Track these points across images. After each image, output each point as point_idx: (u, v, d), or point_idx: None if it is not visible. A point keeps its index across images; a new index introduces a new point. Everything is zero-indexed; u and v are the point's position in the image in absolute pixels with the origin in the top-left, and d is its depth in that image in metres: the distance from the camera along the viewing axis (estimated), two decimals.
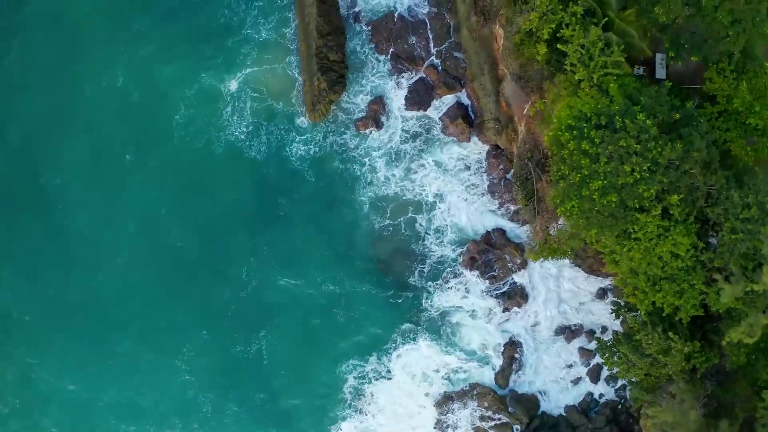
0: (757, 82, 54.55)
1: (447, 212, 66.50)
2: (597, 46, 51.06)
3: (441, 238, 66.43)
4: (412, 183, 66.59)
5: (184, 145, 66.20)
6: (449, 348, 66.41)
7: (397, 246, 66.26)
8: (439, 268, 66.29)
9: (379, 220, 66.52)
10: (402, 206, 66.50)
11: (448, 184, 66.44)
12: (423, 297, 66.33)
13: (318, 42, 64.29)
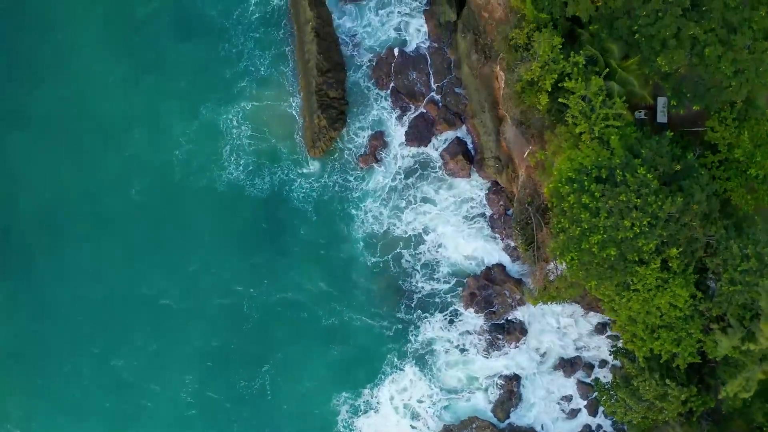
0: (759, 130, 54.51)
1: (447, 248, 66.50)
2: (599, 97, 51.08)
3: (441, 273, 66.59)
4: (412, 219, 66.61)
5: (184, 182, 66.14)
6: (446, 381, 66.72)
7: (396, 280, 66.61)
8: (439, 303, 66.54)
9: (379, 255, 66.77)
10: (402, 242, 66.76)
11: (448, 220, 66.61)
12: (422, 331, 66.59)
13: (318, 80, 64.21)
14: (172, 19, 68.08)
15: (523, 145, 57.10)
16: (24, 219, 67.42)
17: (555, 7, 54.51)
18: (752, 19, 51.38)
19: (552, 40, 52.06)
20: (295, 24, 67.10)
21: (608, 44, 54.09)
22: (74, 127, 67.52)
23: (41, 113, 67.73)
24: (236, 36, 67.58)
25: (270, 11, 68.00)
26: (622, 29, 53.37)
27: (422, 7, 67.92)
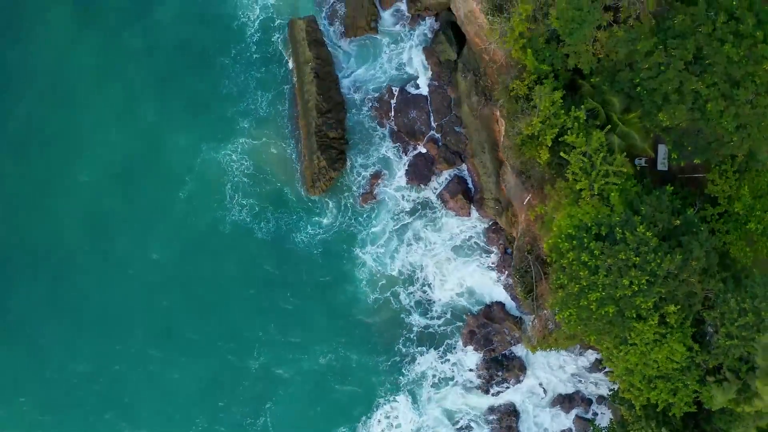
0: (759, 182, 54.48)
1: (447, 285, 66.74)
2: (599, 154, 51.14)
3: (440, 310, 66.83)
4: (412, 257, 66.69)
5: (186, 222, 66.06)
6: (444, 417, 67.02)
7: (396, 317, 66.79)
8: (437, 340, 66.85)
9: (379, 293, 66.83)
10: (402, 280, 66.79)
11: (447, 257, 66.72)
12: (420, 366, 66.84)
13: (317, 120, 64.05)
14: (171, 54, 67.61)
15: (523, 193, 57.19)
16: (17, 255, 66.77)
17: (556, 59, 54.36)
18: (755, 74, 50.88)
19: (552, 95, 51.94)
20: (294, 63, 66.83)
21: (609, 97, 53.95)
22: (70, 161, 66.92)
23: (36, 147, 67.10)
24: (236, 73, 67.39)
25: (270, 49, 67.78)
26: (623, 82, 53.17)
27: (423, 44, 67.46)
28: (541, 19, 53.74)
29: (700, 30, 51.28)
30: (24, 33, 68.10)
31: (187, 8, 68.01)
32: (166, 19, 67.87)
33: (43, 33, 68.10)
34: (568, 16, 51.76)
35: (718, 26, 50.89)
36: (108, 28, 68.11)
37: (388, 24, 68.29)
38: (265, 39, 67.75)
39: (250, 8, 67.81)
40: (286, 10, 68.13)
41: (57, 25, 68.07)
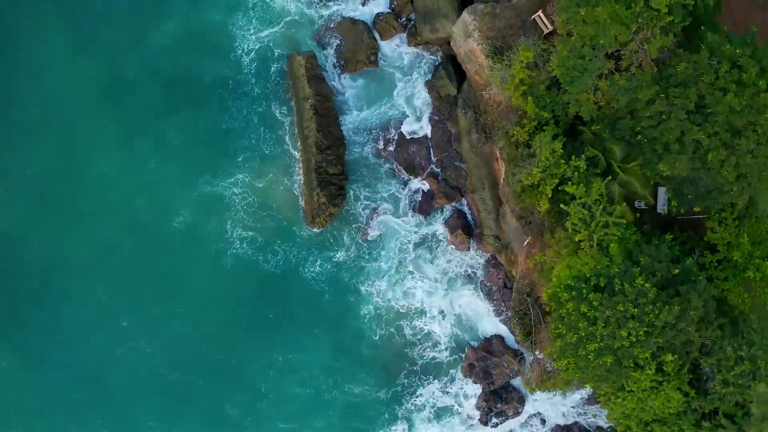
0: (758, 228, 54.78)
1: (447, 319, 66.80)
2: (599, 205, 51.11)
3: (441, 343, 66.88)
4: (413, 291, 66.64)
5: (186, 256, 65.66)
6: None
7: (397, 350, 66.74)
8: (438, 373, 66.91)
9: (381, 327, 66.77)
10: (403, 313, 66.75)
11: (447, 291, 66.69)
12: (420, 398, 66.94)
13: (317, 157, 63.76)
14: (168, 84, 66.68)
15: (523, 235, 57.21)
16: (12, 289, 66.27)
17: (557, 106, 54.21)
18: (757, 123, 50.74)
19: (552, 145, 51.91)
20: (294, 97, 66.22)
21: (610, 145, 53.92)
22: (65, 191, 66.18)
23: (30, 177, 66.32)
24: (234, 105, 66.48)
25: (268, 83, 67.05)
26: (624, 130, 53.14)
27: (423, 79, 66.87)
28: (542, 65, 53.52)
29: (702, 79, 51.05)
30: (19, 61, 67.05)
31: (184, 38, 67.25)
32: (163, 48, 67.10)
33: (39, 60, 66.98)
34: (570, 65, 51.52)
35: (721, 75, 50.68)
36: (104, 56, 67.37)
37: (388, 57, 67.78)
38: (264, 71, 67.02)
39: (246, 40, 67.02)
40: (284, 42, 67.41)
41: (53, 53, 67.02)
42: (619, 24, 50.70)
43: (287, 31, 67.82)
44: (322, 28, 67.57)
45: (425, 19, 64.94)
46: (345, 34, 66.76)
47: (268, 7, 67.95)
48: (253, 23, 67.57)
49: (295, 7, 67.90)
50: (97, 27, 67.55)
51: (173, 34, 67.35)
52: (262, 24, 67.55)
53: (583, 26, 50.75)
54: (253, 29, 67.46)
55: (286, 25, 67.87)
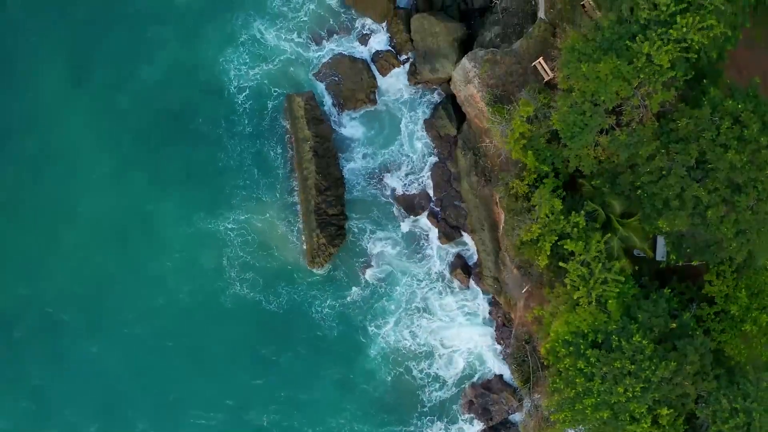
0: (756, 279, 54.68)
1: (448, 356, 66.56)
2: (598, 264, 50.88)
3: (441, 383, 66.70)
4: (413, 329, 66.50)
5: (184, 296, 65.37)
6: None
7: (401, 391, 66.50)
8: (441, 410, 66.60)
9: (390, 367, 66.40)
10: (406, 354, 66.39)
11: (448, 329, 66.50)
12: None
13: (316, 199, 63.60)
14: (164, 120, 66.20)
15: (522, 283, 57.40)
16: (7, 323, 66.02)
17: (557, 159, 54.07)
18: (757, 179, 50.46)
19: (552, 202, 51.72)
20: (293, 136, 65.78)
21: (610, 199, 53.72)
22: (59, 227, 65.89)
23: (25, 210, 66.01)
24: (230, 143, 66.03)
25: (265, 121, 66.44)
26: (624, 185, 52.88)
27: (423, 117, 66.41)
28: (542, 119, 53.33)
29: (703, 135, 50.74)
30: (14, 97, 66.50)
31: (177, 73, 66.92)
32: (157, 83, 66.83)
33: (35, 96, 66.41)
34: (570, 120, 51.26)
35: (722, 131, 50.35)
36: (99, 91, 66.72)
37: (388, 96, 67.43)
38: (259, 109, 66.68)
39: (240, 76, 66.52)
40: (280, 79, 66.95)
41: (49, 86, 66.36)
42: (621, 80, 50.40)
43: (283, 68, 67.35)
44: (321, 65, 67.01)
45: (425, 59, 64.58)
46: (344, 72, 66.29)
47: (259, 44, 67.11)
48: (245, 59, 66.94)
49: (289, 46, 66.95)
50: (92, 62, 66.86)
51: (167, 69, 66.97)
52: (254, 60, 67.03)
53: (585, 82, 50.41)
54: (246, 66, 67.02)
55: (281, 62, 67.39)
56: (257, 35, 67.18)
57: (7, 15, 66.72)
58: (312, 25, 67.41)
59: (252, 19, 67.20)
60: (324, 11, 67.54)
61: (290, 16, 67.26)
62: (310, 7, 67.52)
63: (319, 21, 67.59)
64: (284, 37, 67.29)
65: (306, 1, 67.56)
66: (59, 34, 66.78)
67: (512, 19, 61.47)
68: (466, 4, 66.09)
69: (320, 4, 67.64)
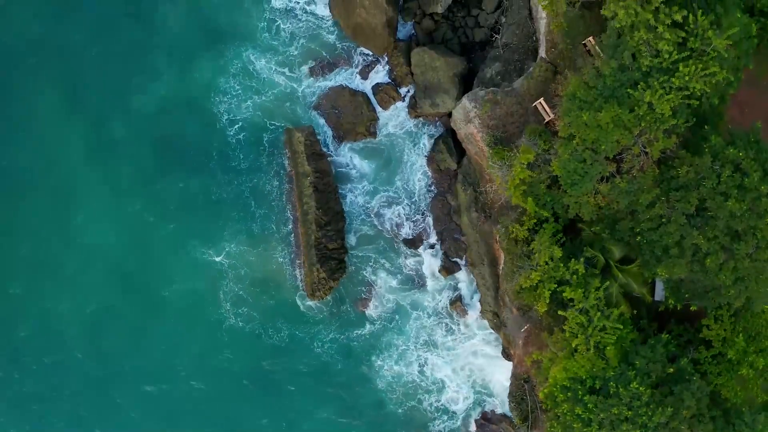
0: (754, 323, 55.00)
1: (448, 385, 66.81)
2: (597, 313, 50.84)
3: (444, 414, 67.01)
4: (415, 361, 66.62)
5: (182, 329, 65.68)
6: None
7: (406, 424, 66.91)
8: None
9: (397, 401, 66.68)
10: (407, 386, 66.69)
11: (448, 362, 66.72)
12: None
13: (317, 234, 63.66)
14: (161, 150, 66.15)
15: (522, 322, 57.58)
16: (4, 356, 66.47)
17: (557, 205, 53.98)
18: (757, 227, 50.39)
19: (551, 250, 51.65)
20: (292, 170, 65.49)
21: (609, 245, 53.73)
22: (54, 257, 66.10)
23: (20, 239, 66.13)
24: (226, 176, 65.83)
25: (261, 152, 66.19)
26: (624, 231, 52.77)
27: (423, 150, 66.26)
28: (542, 165, 53.19)
29: (704, 183, 50.76)
30: (8, 126, 66.23)
31: (172, 103, 66.67)
32: (151, 113, 66.66)
33: (30, 125, 66.24)
34: (571, 168, 51.09)
35: (723, 180, 50.22)
36: (94, 120, 66.45)
37: (388, 128, 67.22)
38: (255, 142, 66.38)
39: (234, 110, 66.07)
40: (277, 112, 66.49)
41: (45, 116, 66.24)
42: (622, 128, 50.18)
43: (279, 101, 66.92)
44: (321, 98, 66.65)
45: (425, 94, 64.30)
46: (344, 104, 66.03)
47: (251, 76, 66.61)
48: (238, 90, 66.42)
49: (283, 79, 66.58)
50: (88, 93, 66.61)
51: (161, 99, 66.88)
52: (246, 92, 66.50)
53: (585, 130, 50.19)
54: (238, 98, 66.38)
55: (276, 95, 66.88)
56: (250, 67, 66.50)
57: (3, 46, 66.13)
58: (311, 57, 66.95)
59: (244, 50, 66.69)
60: (323, 43, 67.32)
61: (281, 49, 66.74)
62: (306, 39, 66.84)
63: (318, 53, 67.20)
64: (277, 70, 66.90)
65: (301, 35, 66.85)
66: (56, 65, 66.54)
67: (513, 55, 61.21)
68: (467, 38, 65.56)
69: (320, 36, 67.29)
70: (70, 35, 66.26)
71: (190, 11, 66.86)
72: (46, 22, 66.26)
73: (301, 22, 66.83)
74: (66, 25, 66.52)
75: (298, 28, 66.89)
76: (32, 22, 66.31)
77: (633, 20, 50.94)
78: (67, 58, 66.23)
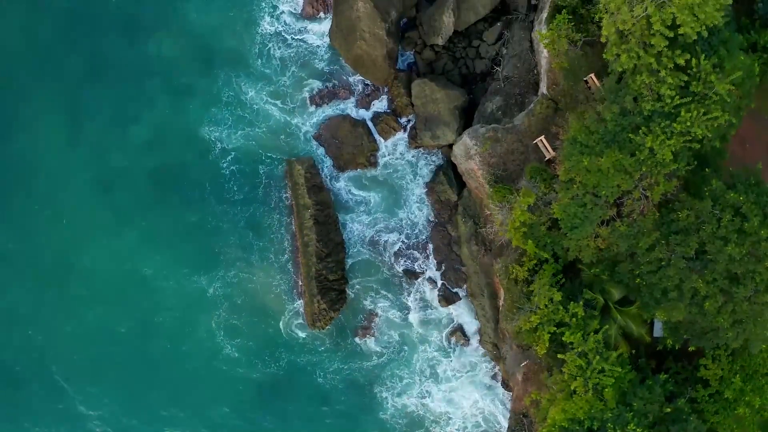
0: (751, 362, 55.35)
1: (452, 422, 66.47)
2: (596, 357, 50.98)
3: None
4: (417, 392, 66.33)
5: (178, 360, 65.23)
6: None
7: None
8: None
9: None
10: (410, 418, 66.37)
11: (451, 392, 66.49)
12: None
13: (317, 266, 63.47)
14: (158, 179, 65.34)
15: (521, 359, 57.74)
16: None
17: (557, 247, 53.96)
18: (756, 271, 50.51)
19: (551, 293, 51.79)
20: (293, 200, 65.02)
21: (609, 287, 53.88)
22: (51, 286, 65.66)
23: (17, 264, 65.53)
24: (221, 205, 65.12)
25: (260, 184, 65.54)
26: (623, 273, 52.89)
27: (423, 180, 65.88)
28: (542, 207, 53.06)
29: (703, 228, 50.78)
30: (9, 155, 65.62)
31: (167, 133, 65.67)
32: (149, 144, 65.46)
33: (24, 150, 65.59)
34: (571, 212, 51.05)
35: (723, 224, 50.25)
36: (91, 149, 65.68)
37: (388, 158, 66.74)
38: (251, 172, 65.54)
39: (227, 140, 65.37)
40: (274, 143, 65.68)
41: (39, 144, 65.62)
42: (623, 173, 50.18)
43: (274, 132, 65.90)
44: (321, 127, 66.06)
45: (426, 125, 63.85)
46: (344, 134, 65.59)
47: (243, 104, 65.74)
48: (230, 121, 65.55)
49: (277, 110, 65.84)
50: (85, 121, 65.92)
51: (156, 127, 66.05)
52: (238, 122, 65.66)
53: (586, 174, 50.16)
54: (231, 128, 65.55)
55: (272, 125, 66.01)
56: (242, 97, 65.80)
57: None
58: (310, 86, 66.21)
59: (236, 77, 65.92)
60: (321, 72, 66.55)
61: (275, 78, 66.07)
62: (300, 66, 66.01)
63: (316, 81, 66.41)
64: (269, 101, 66.00)
65: (296, 63, 65.93)
66: (49, 93, 65.79)
67: (514, 89, 60.78)
68: (467, 69, 65.02)
69: (316, 64, 66.46)
70: (63, 62, 65.44)
71: (186, 37, 66.14)
72: (40, 49, 65.46)
73: (296, 49, 66.08)
74: (59, 51, 65.64)
75: (291, 55, 66.08)
76: (26, 49, 65.42)
77: (635, 63, 51.12)
78: (61, 87, 65.56)
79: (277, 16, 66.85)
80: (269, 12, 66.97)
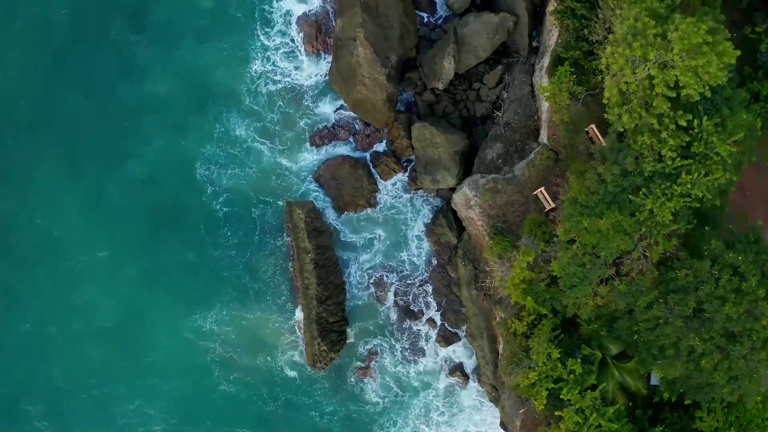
0: (746, 413, 55.42)
1: None
2: (593, 414, 51.20)
3: None
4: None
5: (178, 395, 65.46)
6: None
7: None
8: None
9: None
10: None
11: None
12: None
13: (317, 309, 63.58)
14: (155, 218, 65.20)
15: (520, 407, 58.18)
16: None
17: (556, 303, 54.04)
18: (753, 329, 50.67)
19: (549, 350, 52.02)
20: (293, 242, 65.00)
21: (607, 342, 54.14)
22: (46, 320, 65.60)
23: (16, 298, 65.59)
24: (216, 245, 65.09)
25: (257, 226, 65.44)
26: (621, 329, 53.13)
27: (423, 222, 65.95)
28: (542, 264, 53.11)
29: (702, 287, 50.85)
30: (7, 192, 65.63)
31: (163, 170, 65.38)
32: (143, 180, 65.28)
33: (18, 187, 65.44)
34: (570, 271, 51.09)
35: (721, 284, 50.29)
36: (87, 185, 65.53)
37: (388, 200, 66.62)
38: (245, 214, 65.24)
39: (217, 180, 65.18)
40: (268, 186, 65.43)
41: (33, 180, 65.39)
42: (623, 234, 50.09)
43: (266, 174, 65.67)
44: (320, 168, 65.93)
45: (426, 169, 63.75)
46: (344, 176, 65.37)
47: (233, 142, 65.33)
48: (223, 159, 65.27)
49: (268, 150, 65.57)
50: (82, 159, 65.57)
51: (151, 164, 65.77)
52: (230, 160, 65.25)
53: (586, 235, 50.10)
54: (223, 169, 65.20)
55: (265, 166, 65.70)
56: (232, 133, 65.33)
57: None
58: (308, 127, 65.97)
59: (228, 115, 65.57)
60: (318, 114, 66.15)
61: (268, 116, 65.65)
62: (297, 108, 65.73)
63: (314, 123, 66.13)
64: (264, 142, 65.72)
65: (299, 109, 65.69)
66: (45, 130, 65.31)
67: (514, 135, 60.48)
68: (468, 112, 64.74)
69: (318, 106, 66.02)
70: (60, 98, 65.11)
71: (183, 72, 65.59)
72: (36, 88, 65.08)
73: (296, 90, 65.73)
74: (55, 90, 65.32)
75: (291, 96, 65.71)
76: (22, 88, 65.03)
77: (637, 123, 50.84)
78: (56, 124, 65.15)
79: (277, 55, 66.00)
80: (268, 52, 65.99)
